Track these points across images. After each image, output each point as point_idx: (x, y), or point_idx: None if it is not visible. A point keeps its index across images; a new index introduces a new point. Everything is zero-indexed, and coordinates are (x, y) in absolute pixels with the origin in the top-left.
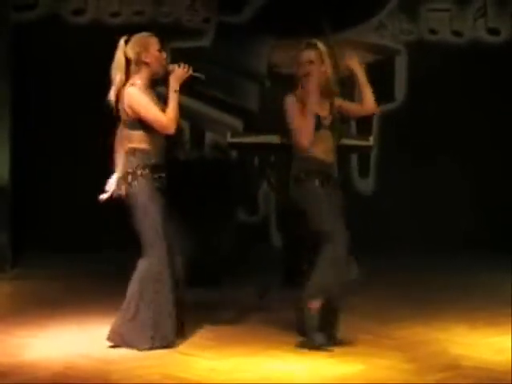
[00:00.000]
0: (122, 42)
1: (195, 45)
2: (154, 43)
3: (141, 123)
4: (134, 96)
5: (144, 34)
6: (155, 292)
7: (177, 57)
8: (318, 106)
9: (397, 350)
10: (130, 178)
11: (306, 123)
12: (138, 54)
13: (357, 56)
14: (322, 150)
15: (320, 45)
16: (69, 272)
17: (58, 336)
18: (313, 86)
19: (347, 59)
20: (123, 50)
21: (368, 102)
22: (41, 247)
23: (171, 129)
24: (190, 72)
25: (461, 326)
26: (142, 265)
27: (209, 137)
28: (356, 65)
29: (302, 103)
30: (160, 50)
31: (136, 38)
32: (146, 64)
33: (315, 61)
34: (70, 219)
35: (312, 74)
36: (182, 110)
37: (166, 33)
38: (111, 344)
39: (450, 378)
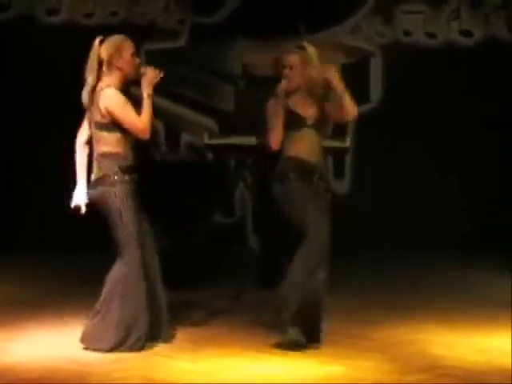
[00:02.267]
0: (96, 42)
1: (170, 46)
2: (127, 47)
3: (115, 125)
4: (112, 97)
5: (119, 36)
6: (126, 294)
7: (151, 58)
8: (300, 106)
9: (376, 351)
10: (105, 182)
11: (275, 124)
12: (111, 57)
13: (333, 68)
14: (304, 149)
15: (309, 47)
16: (43, 273)
17: (35, 339)
18: (284, 89)
19: (324, 72)
20: (97, 51)
21: (349, 109)
22: (13, 248)
23: (146, 134)
24: (161, 75)
25: (440, 326)
26: (117, 266)
27: (184, 138)
28: (332, 76)
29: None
30: (133, 54)
31: (110, 40)
32: (118, 68)
33: (297, 65)
34: (43, 219)
35: (290, 78)
36: (157, 111)
37: (140, 34)
38: (84, 346)
39: (430, 378)
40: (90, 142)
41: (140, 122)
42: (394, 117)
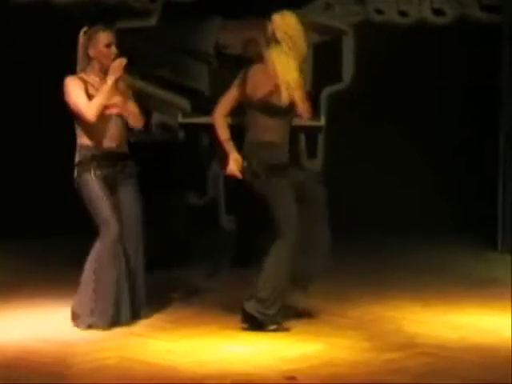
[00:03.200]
0: (81, 33)
1: (142, 25)
2: (102, 38)
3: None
4: (66, 86)
5: (96, 28)
6: (101, 271)
7: (123, 37)
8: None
9: (352, 329)
10: (78, 168)
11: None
12: (86, 49)
13: None
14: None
15: (275, 18)
16: (18, 257)
17: (14, 321)
18: None
19: None
20: (81, 43)
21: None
22: None
23: (89, 116)
24: (124, 62)
25: (414, 304)
26: (95, 246)
27: (156, 117)
28: None
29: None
30: (108, 45)
31: (88, 31)
32: (93, 58)
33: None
34: (17, 204)
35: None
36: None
37: (112, 12)
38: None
39: (407, 356)
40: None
41: (85, 105)
42: (366, 95)
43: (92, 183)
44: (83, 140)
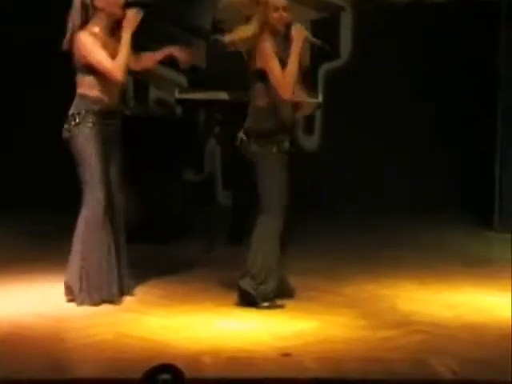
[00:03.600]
0: None
1: (139, 0)
2: None
3: (89, 68)
4: (83, 40)
5: None
6: (87, 240)
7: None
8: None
9: (347, 307)
10: (71, 121)
11: (289, 76)
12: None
13: (304, 32)
14: (286, 106)
15: None
16: (7, 230)
17: (7, 296)
18: (301, 36)
19: (295, 31)
20: None
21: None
22: None
23: (117, 75)
24: (141, 15)
25: (409, 282)
26: (81, 212)
27: (153, 93)
28: (299, 39)
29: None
30: None
31: None
32: (100, 9)
33: (289, 8)
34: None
35: (288, 21)
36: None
37: None
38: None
39: (402, 334)
40: None
41: (109, 62)
42: (364, 72)
43: (87, 138)
44: (85, 90)
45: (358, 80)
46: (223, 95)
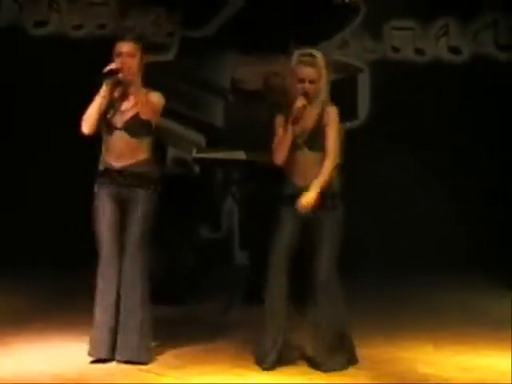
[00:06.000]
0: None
1: (159, 59)
2: (115, 48)
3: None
4: None
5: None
6: (96, 297)
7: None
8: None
9: (364, 369)
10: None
11: (280, 143)
12: None
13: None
14: (297, 173)
15: (319, 58)
16: (30, 288)
17: (23, 354)
18: (296, 108)
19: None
20: None
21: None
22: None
23: (82, 127)
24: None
25: (427, 344)
26: None
27: (171, 152)
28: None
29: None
30: (117, 55)
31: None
32: None
33: (316, 80)
34: (30, 235)
35: (312, 93)
36: None
37: None
38: None
39: None
40: None
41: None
42: (381, 133)
43: (97, 197)
44: (102, 153)
45: (375, 140)
46: (240, 155)
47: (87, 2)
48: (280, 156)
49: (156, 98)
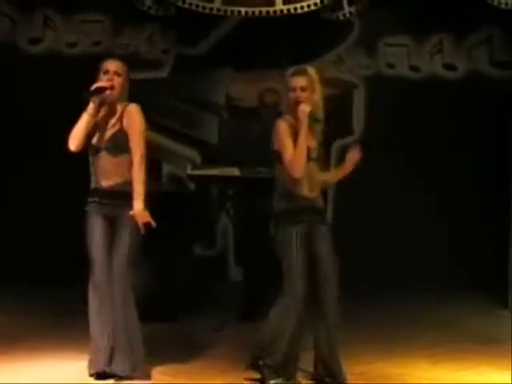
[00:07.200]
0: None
1: (153, 76)
2: (101, 67)
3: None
4: None
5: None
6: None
7: (135, 88)
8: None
9: None
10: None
11: (299, 154)
12: None
13: (308, 109)
14: (307, 185)
15: (311, 71)
16: (19, 306)
17: (19, 372)
18: (304, 114)
19: (299, 111)
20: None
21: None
22: None
23: (69, 144)
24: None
25: (422, 361)
26: None
27: (166, 169)
28: (303, 117)
29: (294, 132)
30: (104, 72)
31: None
32: None
33: (307, 88)
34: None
35: (305, 101)
36: None
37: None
38: None
39: None
40: None
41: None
42: (376, 149)
43: (87, 218)
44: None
45: (370, 157)
46: (235, 171)
47: (82, 20)
48: (300, 169)
49: (134, 108)
